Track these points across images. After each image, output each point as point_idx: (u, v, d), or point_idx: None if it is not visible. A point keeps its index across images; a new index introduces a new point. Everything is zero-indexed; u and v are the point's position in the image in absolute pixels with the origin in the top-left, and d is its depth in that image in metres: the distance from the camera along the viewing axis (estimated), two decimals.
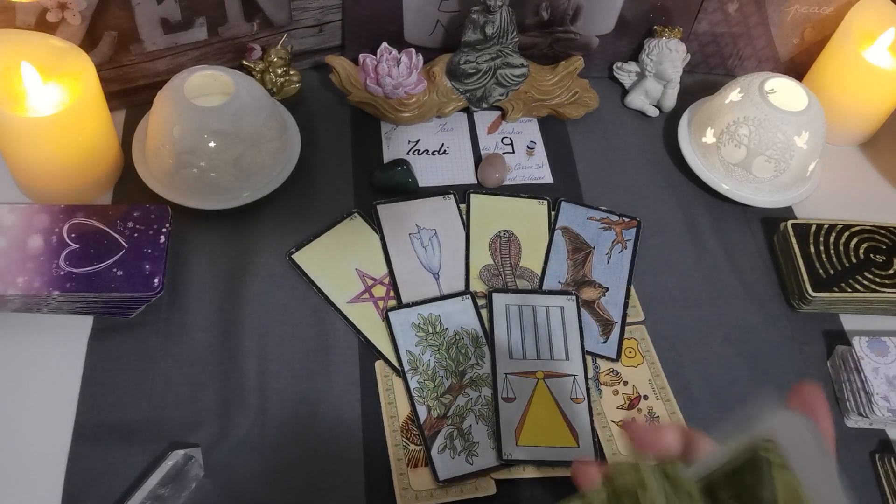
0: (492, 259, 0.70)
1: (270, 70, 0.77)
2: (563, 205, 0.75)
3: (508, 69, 0.78)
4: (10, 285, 0.58)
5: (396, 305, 0.66)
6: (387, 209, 0.72)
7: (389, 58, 0.76)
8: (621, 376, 0.65)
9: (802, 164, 0.74)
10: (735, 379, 0.66)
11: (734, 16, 0.83)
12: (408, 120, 0.78)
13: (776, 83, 0.75)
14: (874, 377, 0.63)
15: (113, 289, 0.60)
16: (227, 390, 0.60)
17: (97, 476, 0.55)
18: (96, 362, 0.61)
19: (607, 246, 0.72)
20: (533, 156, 0.80)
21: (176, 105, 0.65)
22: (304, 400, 0.61)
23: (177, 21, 0.71)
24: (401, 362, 0.63)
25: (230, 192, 0.68)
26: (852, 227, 0.73)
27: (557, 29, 0.82)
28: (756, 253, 0.75)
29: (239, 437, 0.58)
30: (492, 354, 0.64)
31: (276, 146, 0.70)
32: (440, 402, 0.61)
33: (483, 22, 0.74)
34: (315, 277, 0.67)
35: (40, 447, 0.56)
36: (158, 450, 0.57)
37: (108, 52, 0.71)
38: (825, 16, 0.83)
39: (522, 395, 0.62)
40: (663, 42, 0.81)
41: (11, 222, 0.62)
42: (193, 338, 0.63)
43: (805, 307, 0.70)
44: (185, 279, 0.66)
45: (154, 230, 0.63)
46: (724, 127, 0.75)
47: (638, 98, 0.85)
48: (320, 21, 0.79)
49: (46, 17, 0.65)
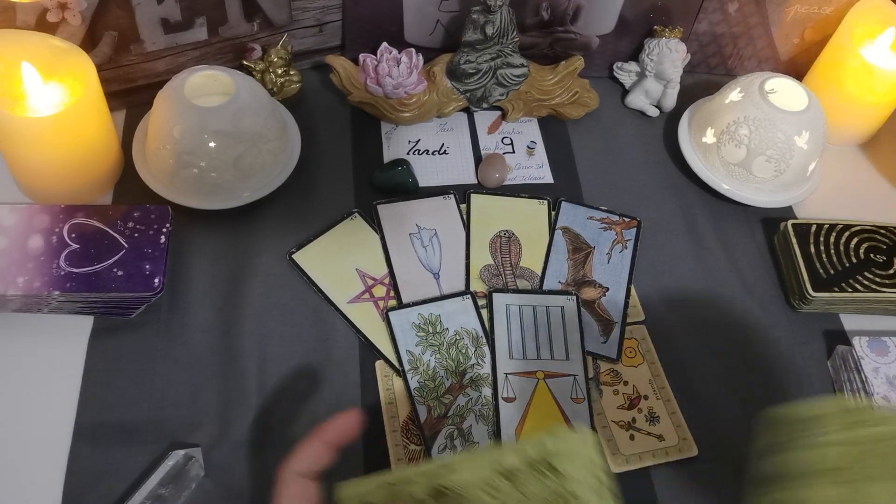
0: (492, 259, 0.70)
1: (270, 70, 0.77)
2: (564, 205, 0.75)
3: (508, 69, 0.78)
4: (10, 285, 0.58)
5: (397, 305, 0.66)
6: (387, 209, 0.72)
7: (390, 58, 0.76)
8: (621, 376, 0.65)
9: (802, 164, 0.74)
10: (735, 379, 0.66)
11: (734, 16, 0.83)
12: (408, 120, 0.78)
13: (776, 83, 0.75)
14: (874, 377, 0.63)
15: (113, 289, 0.60)
16: (227, 390, 0.60)
17: (97, 476, 0.55)
18: (96, 362, 0.61)
19: (607, 246, 0.72)
20: (533, 156, 0.80)
21: (176, 105, 0.65)
22: (304, 400, 0.61)
23: (177, 21, 0.71)
24: (401, 362, 0.63)
25: (230, 192, 0.68)
26: (852, 227, 0.73)
27: (558, 29, 0.82)
28: (756, 253, 0.75)
29: (239, 437, 0.58)
30: (492, 354, 0.64)
31: (277, 146, 0.70)
32: (440, 401, 0.61)
33: (483, 22, 0.74)
34: (315, 277, 0.67)
35: (40, 447, 0.56)
36: (158, 450, 0.57)
37: (108, 52, 0.71)
38: (825, 16, 0.83)
39: (523, 395, 0.62)
40: (663, 42, 0.81)
41: (11, 222, 0.62)
42: (194, 338, 0.63)
43: (805, 307, 0.70)
44: (185, 279, 0.66)
45: (154, 230, 0.63)
46: (725, 127, 0.75)
47: (638, 98, 0.85)
48: (320, 21, 0.79)
49: (46, 17, 0.65)
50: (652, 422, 0.62)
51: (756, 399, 0.64)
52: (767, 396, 0.65)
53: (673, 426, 0.62)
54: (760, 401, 0.64)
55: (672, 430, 0.62)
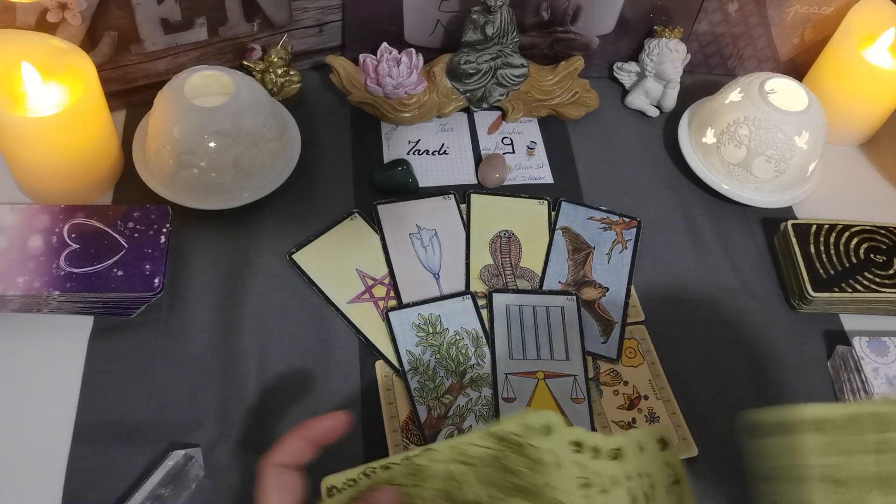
0: (492, 259, 0.70)
1: (271, 70, 0.77)
2: (564, 205, 0.75)
3: (508, 69, 0.78)
4: (10, 285, 0.58)
5: (397, 305, 0.66)
6: (387, 209, 0.72)
7: (390, 58, 0.76)
8: (621, 376, 0.65)
9: (802, 165, 0.74)
10: (735, 379, 0.66)
11: (734, 16, 0.83)
12: (408, 120, 0.78)
13: (776, 83, 0.75)
14: (874, 377, 0.63)
15: (113, 289, 0.60)
16: (227, 390, 0.60)
17: (97, 476, 0.55)
18: (96, 362, 0.61)
19: (607, 246, 0.72)
20: (533, 156, 0.80)
21: (176, 105, 0.65)
22: (304, 400, 0.61)
23: (177, 21, 0.71)
24: (401, 362, 0.63)
25: (230, 192, 0.68)
26: (852, 227, 0.73)
27: (558, 29, 0.82)
28: (756, 253, 0.75)
29: (239, 437, 0.58)
30: (492, 354, 0.64)
31: (276, 146, 0.70)
32: (440, 402, 0.61)
33: (483, 22, 0.74)
34: (315, 277, 0.67)
35: (40, 447, 0.56)
36: (158, 450, 0.57)
37: (108, 53, 0.71)
38: (825, 16, 0.83)
39: (523, 396, 0.62)
40: (663, 42, 0.81)
41: (11, 222, 0.62)
42: (193, 338, 0.63)
43: (805, 307, 0.70)
44: (185, 279, 0.66)
45: (154, 230, 0.63)
46: (725, 127, 0.75)
47: (638, 98, 0.85)
48: (320, 21, 0.79)
49: (47, 17, 0.65)
50: (652, 422, 0.62)
51: (756, 399, 0.64)
52: (767, 397, 0.65)
53: (673, 426, 0.62)
54: (760, 401, 0.64)
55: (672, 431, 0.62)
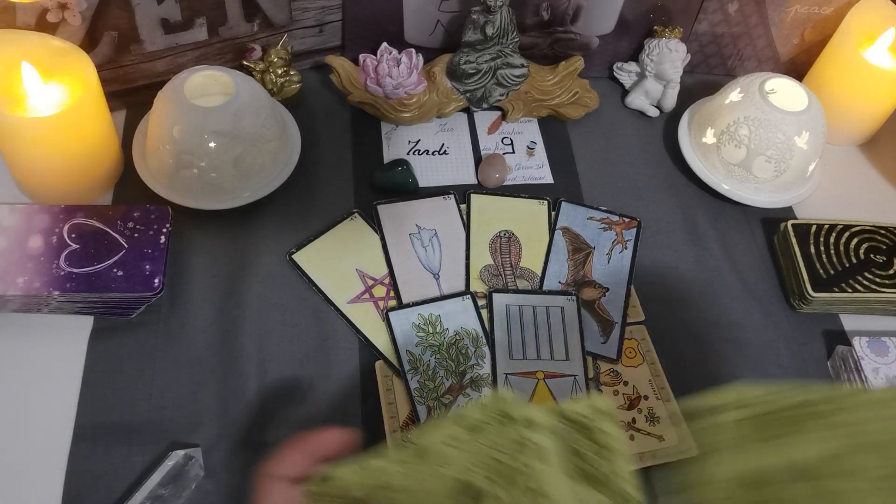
0: (492, 259, 0.70)
1: (270, 70, 0.77)
2: (564, 205, 0.75)
3: (508, 69, 0.78)
4: (10, 285, 0.58)
5: (397, 305, 0.66)
6: (387, 209, 0.72)
7: (389, 58, 0.76)
8: (621, 376, 0.65)
9: (802, 165, 0.74)
10: (735, 379, 0.66)
11: (734, 16, 0.83)
12: (408, 120, 0.78)
13: (776, 83, 0.75)
14: (874, 377, 0.63)
15: (113, 289, 0.60)
16: (227, 390, 0.60)
17: (97, 476, 0.55)
18: (96, 362, 0.61)
19: (607, 246, 0.72)
20: (533, 156, 0.80)
21: (176, 105, 0.65)
22: (304, 400, 0.61)
23: (177, 21, 0.71)
24: (401, 362, 0.63)
25: (230, 193, 0.68)
26: (852, 228, 0.73)
27: (558, 29, 0.82)
28: (756, 253, 0.75)
29: (239, 437, 0.58)
30: (492, 355, 0.64)
31: (276, 146, 0.70)
32: (440, 402, 0.61)
33: (483, 22, 0.74)
34: (315, 277, 0.67)
35: (40, 447, 0.56)
36: (158, 450, 0.57)
37: (108, 53, 0.71)
38: (825, 16, 0.83)
39: (523, 396, 0.62)
40: (663, 42, 0.81)
41: (11, 222, 0.61)
42: (193, 338, 0.63)
43: (805, 307, 0.70)
44: (185, 279, 0.66)
45: (154, 230, 0.63)
46: (725, 127, 0.75)
47: (638, 98, 0.85)
48: (320, 21, 0.79)
49: (46, 17, 0.65)
50: (652, 422, 0.62)
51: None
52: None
53: (673, 426, 0.62)
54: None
55: (672, 431, 0.62)
